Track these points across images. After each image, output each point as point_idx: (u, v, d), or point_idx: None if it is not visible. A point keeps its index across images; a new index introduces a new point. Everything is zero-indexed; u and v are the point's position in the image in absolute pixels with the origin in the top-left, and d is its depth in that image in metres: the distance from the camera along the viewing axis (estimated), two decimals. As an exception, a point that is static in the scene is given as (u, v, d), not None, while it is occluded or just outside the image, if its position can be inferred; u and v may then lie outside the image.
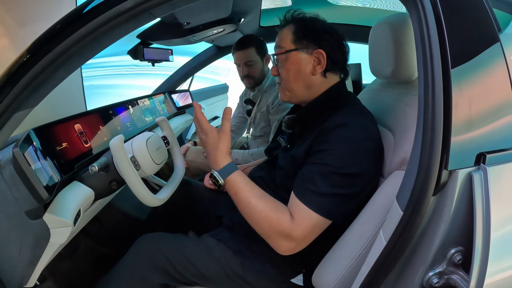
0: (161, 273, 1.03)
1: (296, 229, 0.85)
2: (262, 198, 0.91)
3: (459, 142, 0.65)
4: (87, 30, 0.72)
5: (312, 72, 1.00)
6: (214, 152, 0.94)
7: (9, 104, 0.76)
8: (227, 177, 0.92)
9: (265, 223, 0.88)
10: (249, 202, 0.89)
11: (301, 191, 0.88)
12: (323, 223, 0.87)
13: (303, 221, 0.86)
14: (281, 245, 0.87)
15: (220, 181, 0.92)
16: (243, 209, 0.91)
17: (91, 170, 0.94)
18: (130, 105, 1.59)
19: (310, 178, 0.88)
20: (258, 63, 1.94)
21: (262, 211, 0.88)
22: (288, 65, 1.02)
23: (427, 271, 0.68)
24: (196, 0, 0.73)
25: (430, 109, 0.65)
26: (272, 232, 0.88)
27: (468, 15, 0.70)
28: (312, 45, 0.99)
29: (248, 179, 0.94)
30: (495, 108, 0.69)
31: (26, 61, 0.75)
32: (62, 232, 0.86)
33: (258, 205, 0.89)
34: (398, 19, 0.97)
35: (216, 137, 0.95)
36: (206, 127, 0.96)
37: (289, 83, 1.03)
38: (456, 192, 0.65)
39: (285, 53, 1.01)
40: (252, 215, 0.90)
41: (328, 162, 0.87)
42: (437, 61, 0.66)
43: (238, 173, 0.93)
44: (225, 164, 0.93)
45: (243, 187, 0.91)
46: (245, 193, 0.91)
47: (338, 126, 0.89)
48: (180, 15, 1.31)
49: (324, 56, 0.98)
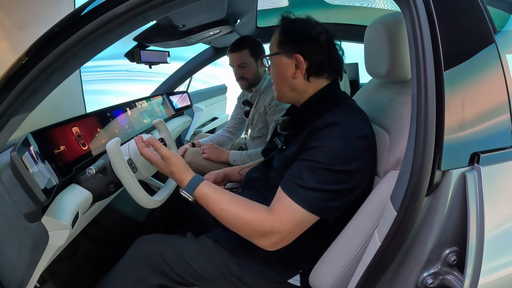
0: (159, 274, 1.03)
1: (278, 223, 0.85)
2: (232, 202, 0.91)
3: (453, 142, 0.65)
4: (82, 34, 0.72)
5: (293, 75, 1.01)
6: (173, 176, 0.95)
7: (6, 108, 0.76)
8: (194, 191, 0.92)
9: (241, 226, 0.88)
10: (221, 210, 0.90)
11: (288, 185, 0.88)
12: (310, 218, 0.87)
13: (287, 215, 0.85)
14: (264, 242, 0.88)
15: (189, 198, 0.92)
16: (219, 217, 0.91)
17: (89, 172, 0.94)
18: (128, 107, 1.59)
19: (298, 173, 0.88)
20: (251, 65, 1.93)
21: (235, 215, 0.88)
22: (274, 68, 1.05)
23: (422, 272, 0.68)
24: (188, 3, 0.73)
25: (422, 108, 0.64)
26: (252, 232, 0.88)
27: (462, 15, 0.70)
28: (292, 50, 0.99)
29: (215, 187, 0.94)
30: (489, 107, 0.69)
31: (23, 65, 0.75)
32: (60, 235, 0.87)
33: (230, 210, 0.89)
34: (393, 18, 0.97)
35: (164, 164, 0.95)
36: (152, 159, 0.96)
37: (276, 85, 1.07)
38: (449, 192, 0.64)
39: (268, 56, 1.07)
40: (227, 221, 0.90)
41: (317, 159, 0.86)
42: (429, 61, 0.65)
43: (204, 184, 0.93)
44: (187, 181, 0.93)
45: (212, 197, 0.91)
46: (215, 202, 0.91)
47: (329, 125, 0.89)
48: (174, 18, 1.31)
49: (302, 61, 0.98)
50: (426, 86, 0.65)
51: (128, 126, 1.50)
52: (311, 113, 0.99)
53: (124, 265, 1.05)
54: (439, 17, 0.67)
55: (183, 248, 1.06)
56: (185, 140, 2.70)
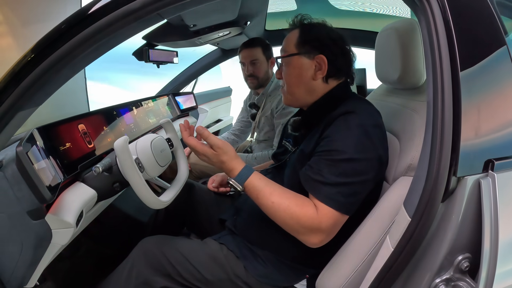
0: (163, 276, 1.02)
1: (323, 220, 0.85)
2: (284, 195, 0.89)
3: (468, 149, 0.65)
4: (93, 30, 0.71)
5: (313, 77, 1.00)
6: (223, 165, 0.94)
7: (13, 103, 0.75)
8: (245, 182, 0.91)
9: (292, 220, 0.87)
10: (272, 203, 0.88)
11: (311, 184, 0.88)
12: (340, 215, 0.86)
13: (324, 212, 0.85)
14: (312, 239, 0.87)
15: (239, 188, 0.92)
16: (267, 210, 0.90)
17: (95, 171, 0.93)
18: (134, 106, 1.58)
19: (316, 168, 0.88)
20: (263, 63, 1.95)
21: (287, 209, 0.87)
22: (290, 69, 1.03)
23: (434, 278, 0.67)
24: (204, 2, 0.72)
25: (439, 114, 0.64)
26: (301, 228, 0.86)
27: (477, 20, 0.70)
28: (314, 51, 0.99)
29: (266, 179, 0.93)
30: (503, 113, 0.69)
31: (31, 60, 0.74)
32: (64, 233, 0.86)
33: (282, 204, 0.87)
34: (405, 24, 0.97)
35: (214, 154, 0.93)
36: (200, 149, 0.94)
37: (291, 87, 1.05)
38: (464, 198, 0.64)
39: (287, 56, 1.03)
40: (277, 214, 0.88)
41: (334, 147, 0.87)
42: (446, 66, 0.65)
43: (255, 175, 0.93)
44: (239, 170, 0.93)
45: (263, 189, 0.90)
46: (266, 195, 0.89)
47: (344, 113, 0.90)
48: (187, 17, 1.31)
49: (325, 61, 0.98)
50: (443, 92, 0.64)
51: (134, 125, 1.49)
52: (323, 111, 0.99)
53: (127, 266, 1.03)
54: (455, 22, 0.67)
55: (189, 250, 1.05)
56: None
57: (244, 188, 0.92)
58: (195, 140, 0.95)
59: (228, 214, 1.24)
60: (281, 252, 1.02)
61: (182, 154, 1.19)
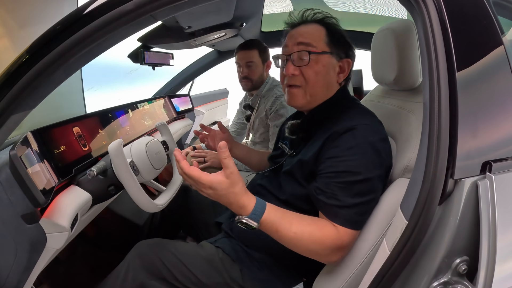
0: (159, 279, 1.01)
1: (344, 239, 0.83)
2: (303, 222, 0.84)
3: (465, 151, 0.64)
4: (87, 32, 0.70)
5: (337, 79, 1.00)
6: (235, 199, 0.78)
7: (7, 105, 0.74)
8: (260, 219, 0.80)
9: (315, 245, 0.82)
10: (295, 234, 0.81)
11: (328, 209, 0.86)
12: (356, 232, 0.85)
13: (345, 232, 0.84)
14: (334, 257, 0.85)
15: (253, 225, 0.80)
16: (289, 241, 0.83)
17: (89, 174, 0.92)
18: (129, 108, 1.57)
19: (330, 193, 0.85)
20: (258, 66, 1.95)
21: (310, 237, 0.82)
22: (318, 67, 0.96)
23: (432, 281, 0.66)
24: (199, 3, 0.72)
25: (436, 116, 0.64)
26: (324, 250, 0.83)
27: (473, 20, 0.70)
28: (342, 53, 0.99)
29: (280, 209, 0.84)
30: (500, 114, 0.68)
31: (25, 61, 0.73)
32: (58, 237, 0.85)
33: (305, 232, 0.82)
34: (401, 25, 0.97)
35: (226, 183, 0.77)
36: (206, 180, 0.77)
37: (315, 87, 0.98)
38: (462, 201, 0.64)
39: (321, 53, 0.96)
40: (301, 244, 0.83)
41: (345, 169, 0.84)
42: (443, 67, 0.65)
43: (270, 209, 0.82)
44: (252, 206, 0.80)
45: (281, 222, 0.82)
46: (286, 227, 0.81)
47: (348, 130, 0.87)
48: (181, 19, 1.30)
49: (350, 65, 0.99)
50: (440, 93, 0.64)
51: (129, 127, 1.48)
52: (324, 117, 0.98)
53: (123, 269, 1.03)
54: (451, 24, 0.67)
55: (184, 253, 1.04)
56: (185, 143, 2.68)
57: (260, 224, 0.81)
58: (197, 170, 0.79)
59: (224, 217, 1.23)
60: (277, 255, 1.02)
61: None
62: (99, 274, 1.21)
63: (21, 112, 0.79)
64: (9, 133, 0.81)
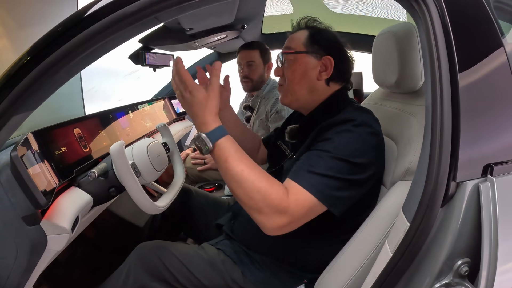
0: (160, 281, 1.01)
1: (292, 204, 0.79)
2: (255, 168, 0.81)
3: (467, 154, 0.65)
4: (90, 32, 0.70)
5: (317, 77, 1.00)
6: (203, 113, 0.82)
7: (8, 106, 0.74)
8: (216, 141, 0.81)
9: (258, 194, 0.78)
10: (241, 170, 0.79)
11: (297, 173, 0.84)
12: (318, 206, 0.82)
13: (298, 197, 0.80)
14: (274, 220, 0.78)
15: (208, 146, 0.80)
16: (233, 177, 0.80)
17: (90, 176, 0.92)
18: (130, 110, 1.57)
19: (306, 160, 0.85)
20: (259, 66, 1.95)
21: (255, 181, 0.78)
22: (295, 66, 1.01)
23: (434, 283, 0.67)
24: (203, 5, 0.72)
25: (438, 119, 0.64)
26: (265, 205, 0.78)
27: (475, 23, 0.70)
28: (322, 51, 1.00)
29: (238, 146, 0.83)
30: (502, 117, 0.69)
31: (26, 63, 0.73)
32: (59, 239, 0.84)
33: (251, 174, 0.79)
34: (403, 28, 0.97)
35: (204, 95, 0.82)
36: (190, 84, 0.82)
37: (293, 85, 1.02)
38: (463, 203, 0.64)
39: (294, 53, 1.01)
40: (243, 185, 0.79)
41: (327, 148, 0.84)
42: (445, 71, 0.65)
43: (229, 138, 0.82)
44: (214, 127, 0.81)
45: (234, 154, 0.81)
46: (235, 160, 0.80)
47: (341, 121, 0.89)
48: (183, 21, 1.30)
49: (332, 63, 0.99)
50: (442, 96, 0.64)
51: (130, 129, 1.48)
52: (321, 119, 0.98)
53: (124, 271, 1.02)
54: (453, 28, 0.67)
55: (186, 255, 1.04)
56: (185, 145, 2.68)
57: (214, 147, 0.81)
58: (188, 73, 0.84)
59: (225, 218, 1.23)
60: (279, 257, 1.02)
61: (178, 158, 1.18)
62: (99, 276, 1.21)
63: (23, 113, 0.79)
64: (10, 134, 0.81)
